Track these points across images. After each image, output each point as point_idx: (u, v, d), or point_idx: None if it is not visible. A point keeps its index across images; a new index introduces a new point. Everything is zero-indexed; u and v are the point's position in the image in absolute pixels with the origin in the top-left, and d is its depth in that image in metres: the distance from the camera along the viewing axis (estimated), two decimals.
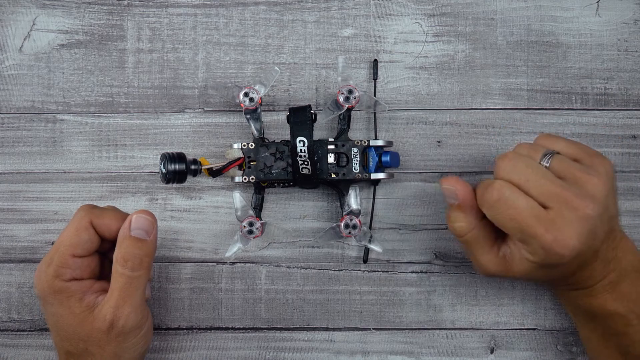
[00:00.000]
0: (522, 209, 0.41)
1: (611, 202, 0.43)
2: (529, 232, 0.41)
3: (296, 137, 0.49)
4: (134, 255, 0.45)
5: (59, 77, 0.55)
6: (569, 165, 0.43)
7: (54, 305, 0.45)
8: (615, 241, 0.45)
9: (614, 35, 0.55)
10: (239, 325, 0.54)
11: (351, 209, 0.51)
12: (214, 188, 0.55)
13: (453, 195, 0.45)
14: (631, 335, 0.45)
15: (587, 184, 0.42)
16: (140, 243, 0.46)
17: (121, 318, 0.45)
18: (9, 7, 0.55)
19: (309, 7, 0.55)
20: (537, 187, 0.42)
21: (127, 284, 0.45)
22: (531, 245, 0.42)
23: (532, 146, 0.45)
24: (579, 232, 0.41)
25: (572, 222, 0.41)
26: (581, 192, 0.42)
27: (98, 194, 0.55)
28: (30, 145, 0.55)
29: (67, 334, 0.45)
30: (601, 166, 0.44)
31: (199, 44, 0.55)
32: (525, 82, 0.55)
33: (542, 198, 0.41)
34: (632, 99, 0.55)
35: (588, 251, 0.43)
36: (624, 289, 0.45)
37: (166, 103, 0.55)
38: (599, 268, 0.45)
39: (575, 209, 0.41)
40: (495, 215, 0.43)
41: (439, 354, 0.54)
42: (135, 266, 0.45)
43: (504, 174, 0.43)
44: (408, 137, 0.55)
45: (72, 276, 0.46)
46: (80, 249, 0.46)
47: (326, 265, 0.55)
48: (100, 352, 0.45)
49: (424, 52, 0.55)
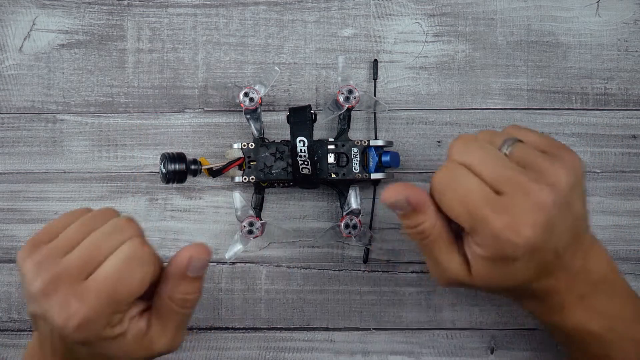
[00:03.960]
0: (471, 190, 0.37)
1: (577, 200, 0.39)
2: (477, 216, 0.37)
3: (296, 137, 0.49)
4: (193, 294, 0.40)
5: (59, 77, 0.55)
6: (532, 154, 0.39)
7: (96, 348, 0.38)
8: (583, 248, 0.40)
9: (614, 35, 0.55)
10: (239, 325, 0.54)
11: (351, 209, 0.51)
12: (214, 188, 0.55)
13: (404, 205, 0.39)
14: (613, 357, 0.41)
15: (548, 172, 0.37)
16: (197, 282, 0.40)
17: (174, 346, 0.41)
18: (9, 7, 0.55)
19: (309, 7, 0.55)
20: (490, 171, 0.37)
21: (183, 320, 0.41)
22: (480, 234, 0.37)
23: (495, 133, 0.41)
24: (533, 221, 0.36)
25: (525, 210, 0.36)
26: (539, 178, 0.37)
27: (98, 194, 0.55)
28: (30, 145, 0.55)
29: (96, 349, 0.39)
30: (569, 159, 0.39)
31: (199, 44, 0.55)
32: (525, 82, 0.55)
33: (495, 183, 0.37)
34: (632, 99, 0.55)
35: (546, 249, 0.38)
36: (597, 304, 0.41)
37: (166, 103, 0.55)
38: (565, 280, 0.40)
39: (529, 194, 0.36)
40: (443, 197, 0.39)
41: (439, 354, 0.54)
42: (194, 302, 0.41)
43: (456, 156, 0.39)
44: (408, 137, 0.55)
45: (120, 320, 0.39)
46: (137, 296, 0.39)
47: (326, 265, 0.55)
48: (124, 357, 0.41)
49: (424, 52, 0.55)
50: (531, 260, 0.38)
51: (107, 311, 0.37)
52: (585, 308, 0.41)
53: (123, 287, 0.37)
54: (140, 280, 0.38)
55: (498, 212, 0.37)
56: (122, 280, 0.37)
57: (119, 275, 0.37)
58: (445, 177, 0.39)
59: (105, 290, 0.37)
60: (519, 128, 0.42)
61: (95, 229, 0.39)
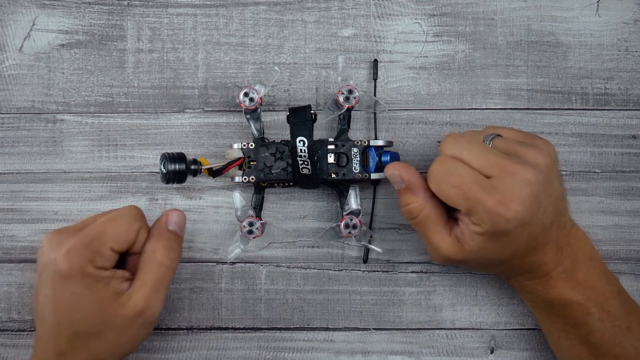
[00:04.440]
0: (464, 176, 0.43)
1: (555, 179, 0.45)
2: (472, 197, 0.42)
3: (296, 137, 0.49)
4: (174, 248, 0.48)
5: (59, 77, 0.55)
6: (511, 143, 0.45)
7: (77, 286, 0.45)
8: (566, 228, 0.46)
9: (614, 35, 0.55)
10: (239, 325, 0.54)
11: (351, 209, 0.51)
12: (214, 188, 0.55)
13: (398, 180, 0.47)
14: (590, 324, 0.46)
15: (527, 155, 0.43)
16: (177, 237, 0.49)
17: (151, 308, 0.46)
18: (9, 7, 0.55)
19: (309, 7, 0.55)
20: (478, 159, 0.43)
21: (164, 274, 0.47)
22: (476, 213, 0.43)
23: (476, 131, 0.48)
24: (521, 196, 0.42)
25: (513, 187, 0.42)
26: (521, 160, 0.43)
27: (98, 194, 0.55)
28: (30, 145, 0.55)
29: (83, 316, 0.45)
30: (543, 145, 0.45)
31: (199, 44, 0.55)
32: (525, 82, 0.55)
33: (483, 169, 0.43)
34: (632, 99, 0.55)
35: (534, 222, 0.43)
36: (579, 277, 0.46)
37: (166, 103, 0.55)
38: (552, 253, 0.45)
39: (515, 174, 0.42)
40: (440, 186, 0.44)
41: (439, 354, 0.54)
42: (175, 258, 0.48)
43: (447, 150, 0.45)
44: (408, 137, 0.55)
45: (102, 265, 0.46)
46: (120, 246, 0.47)
47: (326, 265, 0.55)
48: (117, 338, 0.46)
49: (424, 52, 0.55)
50: (522, 234, 0.43)
51: (92, 245, 0.45)
52: (568, 280, 0.46)
53: (109, 232, 0.46)
54: (126, 229, 0.47)
55: (489, 192, 0.42)
56: (109, 227, 0.46)
57: (106, 224, 0.46)
58: (440, 168, 0.44)
59: (94, 232, 0.46)
60: (495, 127, 0.49)
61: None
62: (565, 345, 0.48)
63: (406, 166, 0.47)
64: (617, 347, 0.46)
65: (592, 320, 0.46)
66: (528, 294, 0.49)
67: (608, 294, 0.47)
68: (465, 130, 0.48)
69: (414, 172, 0.47)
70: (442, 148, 0.45)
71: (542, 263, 0.46)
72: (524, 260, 0.46)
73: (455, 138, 0.45)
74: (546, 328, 0.50)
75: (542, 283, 0.47)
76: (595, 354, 0.46)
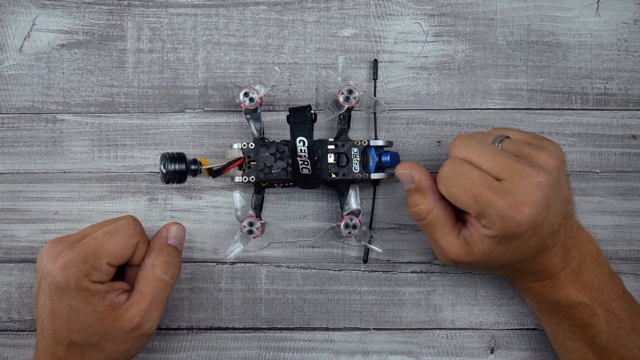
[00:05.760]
0: (475, 179, 0.42)
1: (563, 181, 0.44)
2: (483, 201, 0.42)
3: (296, 137, 0.49)
4: (174, 264, 0.49)
5: (59, 77, 0.55)
6: (520, 145, 0.45)
7: (74, 299, 0.46)
8: (573, 230, 0.46)
9: (614, 35, 0.55)
10: (239, 325, 0.54)
11: (351, 209, 0.51)
12: (214, 188, 0.55)
13: (409, 180, 0.46)
14: (596, 325, 0.46)
15: (537, 158, 0.43)
16: (177, 252, 0.49)
17: (148, 322, 0.47)
18: (9, 7, 0.55)
19: (309, 7, 0.55)
20: (489, 161, 0.43)
21: (162, 289, 0.48)
22: (487, 216, 0.42)
23: (485, 132, 0.48)
24: (532, 199, 0.42)
25: (524, 190, 0.42)
26: (531, 163, 0.43)
27: (98, 194, 0.55)
28: (30, 145, 0.55)
29: (80, 327, 0.46)
30: (552, 147, 0.45)
31: (199, 44, 0.55)
32: (525, 82, 0.55)
33: (494, 171, 0.43)
34: (632, 99, 0.55)
35: (544, 225, 0.43)
36: (585, 278, 0.46)
37: (166, 103, 0.55)
38: (559, 254, 0.45)
39: (527, 177, 0.42)
40: (450, 189, 0.44)
41: (439, 354, 0.54)
42: (174, 273, 0.48)
43: (457, 153, 0.44)
44: (408, 137, 0.55)
45: (99, 279, 0.46)
46: (118, 261, 0.47)
47: (326, 265, 0.55)
48: (113, 349, 0.46)
49: (424, 52, 0.55)
50: (532, 237, 0.43)
51: (88, 260, 0.46)
52: (575, 281, 0.46)
53: (106, 246, 0.46)
54: (123, 245, 0.47)
55: (501, 195, 0.42)
56: (105, 242, 0.46)
57: (103, 238, 0.47)
58: (450, 171, 0.44)
59: (91, 246, 0.46)
60: (502, 128, 0.49)
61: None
62: (570, 347, 0.48)
63: (417, 166, 0.46)
64: (622, 348, 0.46)
65: (599, 321, 0.46)
66: (534, 295, 0.48)
67: (613, 295, 0.47)
68: (473, 132, 0.48)
69: (425, 172, 0.46)
70: (451, 150, 0.45)
71: (549, 265, 0.45)
72: (532, 263, 0.45)
73: (465, 140, 0.44)
74: (551, 330, 0.50)
75: (549, 285, 0.46)
76: (601, 356, 0.46)
